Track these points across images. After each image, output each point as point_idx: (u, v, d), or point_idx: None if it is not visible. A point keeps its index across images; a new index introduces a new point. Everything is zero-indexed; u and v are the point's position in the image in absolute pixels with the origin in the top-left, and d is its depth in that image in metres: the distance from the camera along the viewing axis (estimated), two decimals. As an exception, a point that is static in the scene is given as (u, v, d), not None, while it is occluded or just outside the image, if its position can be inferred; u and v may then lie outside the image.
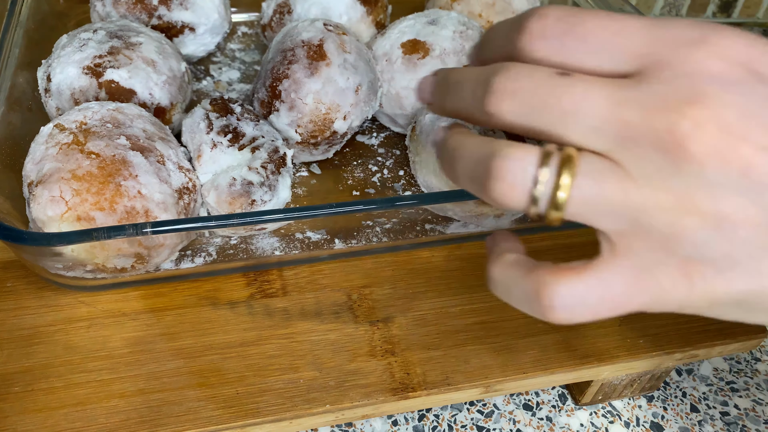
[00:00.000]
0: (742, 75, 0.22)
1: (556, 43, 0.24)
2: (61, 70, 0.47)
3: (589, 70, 0.24)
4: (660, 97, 0.22)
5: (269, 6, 0.58)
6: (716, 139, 0.21)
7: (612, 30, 0.24)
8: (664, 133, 0.21)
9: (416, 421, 0.50)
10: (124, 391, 0.40)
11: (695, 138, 0.21)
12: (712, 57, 0.22)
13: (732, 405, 0.54)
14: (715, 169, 0.21)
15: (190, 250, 0.44)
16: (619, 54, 0.23)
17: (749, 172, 0.21)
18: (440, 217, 0.47)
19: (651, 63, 0.23)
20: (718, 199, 0.21)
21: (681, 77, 0.22)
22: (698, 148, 0.21)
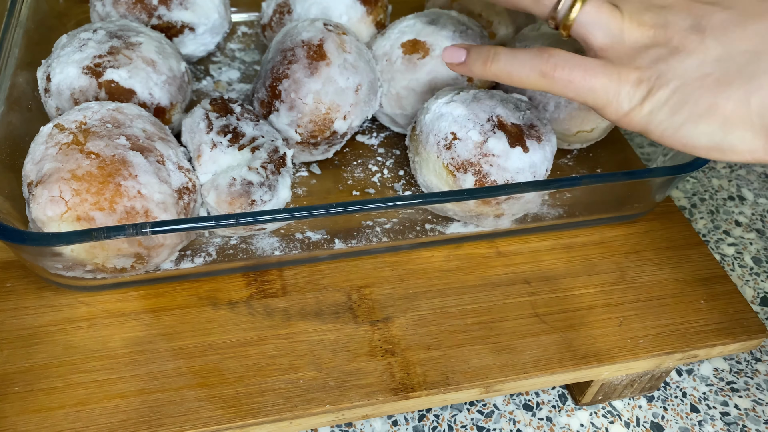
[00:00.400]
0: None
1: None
2: (60, 70, 0.47)
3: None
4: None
5: (269, 6, 0.58)
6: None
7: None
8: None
9: (416, 421, 0.50)
10: (123, 391, 0.40)
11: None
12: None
13: (732, 405, 0.54)
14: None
15: (190, 250, 0.44)
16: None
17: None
18: (440, 217, 0.47)
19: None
20: (669, 28, 0.34)
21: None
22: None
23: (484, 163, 0.44)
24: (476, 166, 0.44)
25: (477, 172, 0.44)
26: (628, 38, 0.34)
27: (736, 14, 0.33)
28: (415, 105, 0.52)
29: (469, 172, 0.44)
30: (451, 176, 0.45)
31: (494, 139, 0.44)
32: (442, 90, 0.49)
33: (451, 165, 0.45)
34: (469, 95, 0.47)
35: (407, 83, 0.51)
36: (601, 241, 0.51)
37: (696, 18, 0.33)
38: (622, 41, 0.35)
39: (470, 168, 0.44)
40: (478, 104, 0.46)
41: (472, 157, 0.44)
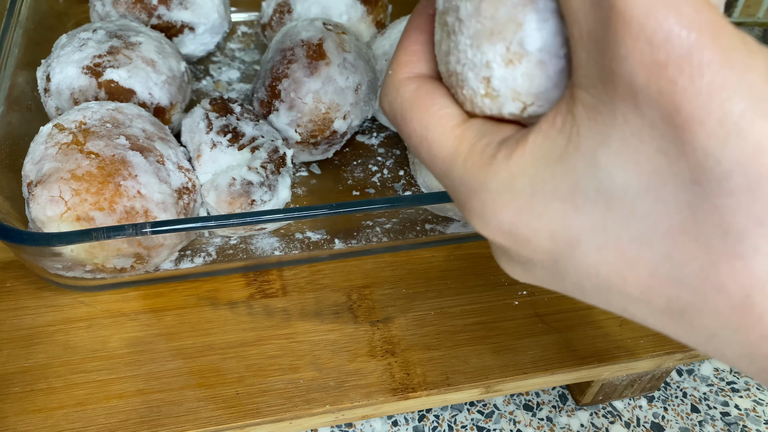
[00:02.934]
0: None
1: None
2: (60, 69, 0.47)
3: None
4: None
5: (269, 5, 0.58)
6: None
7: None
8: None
9: (416, 421, 0.50)
10: (123, 391, 0.40)
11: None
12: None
13: (732, 405, 0.54)
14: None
15: (190, 250, 0.44)
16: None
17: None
18: (440, 217, 0.47)
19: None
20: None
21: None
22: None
23: (484, 163, 0.44)
24: (476, 166, 0.44)
25: (477, 172, 0.44)
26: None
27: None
28: (415, 105, 0.52)
29: (469, 172, 0.44)
30: (451, 176, 0.45)
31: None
32: (442, 90, 0.49)
33: (451, 165, 0.45)
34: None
35: (407, 83, 0.51)
36: (601, 241, 0.50)
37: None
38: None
39: (470, 168, 0.44)
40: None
41: (472, 157, 0.44)
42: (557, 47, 0.19)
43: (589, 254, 0.19)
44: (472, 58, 0.21)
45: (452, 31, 0.22)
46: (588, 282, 0.20)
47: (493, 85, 0.21)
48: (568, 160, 0.18)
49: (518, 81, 0.20)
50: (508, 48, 0.20)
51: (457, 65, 0.22)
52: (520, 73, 0.20)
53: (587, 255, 0.19)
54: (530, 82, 0.20)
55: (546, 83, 0.20)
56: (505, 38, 0.20)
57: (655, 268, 0.18)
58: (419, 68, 0.24)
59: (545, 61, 0.20)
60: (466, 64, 0.21)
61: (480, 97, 0.21)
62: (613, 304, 0.20)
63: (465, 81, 0.22)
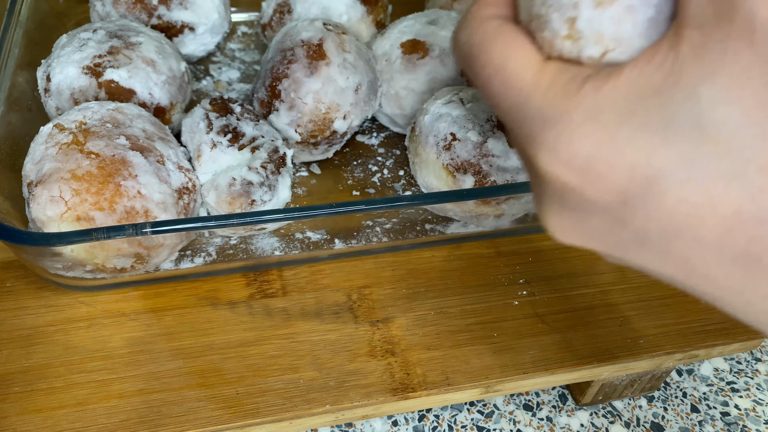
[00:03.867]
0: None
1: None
2: (60, 69, 0.47)
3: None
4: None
5: (269, 6, 0.58)
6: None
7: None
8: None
9: (416, 421, 0.50)
10: (123, 391, 0.40)
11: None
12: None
13: (732, 405, 0.54)
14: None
15: (190, 250, 0.44)
16: None
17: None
18: (440, 217, 0.47)
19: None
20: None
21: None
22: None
23: (483, 164, 0.44)
24: (476, 167, 0.44)
25: (477, 172, 0.44)
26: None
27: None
28: (415, 105, 0.52)
29: (468, 172, 0.44)
30: (451, 177, 0.45)
31: (494, 139, 0.44)
32: (441, 90, 0.49)
33: (450, 166, 0.45)
34: (467, 95, 0.47)
35: (406, 83, 0.51)
36: (601, 241, 0.50)
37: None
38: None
39: (470, 169, 0.44)
40: (477, 104, 0.46)
41: (471, 158, 0.44)
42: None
43: (668, 192, 0.19)
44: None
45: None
46: (656, 226, 0.19)
47: (578, 26, 0.21)
48: (664, 94, 0.18)
49: (604, 24, 0.20)
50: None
51: (541, 7, 0.22)
52: (608, 15, 0.20)
53: (666, 193, 0.19)
54: (616, 26, 0.20)
55: (631, 29, 0.20)
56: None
57: (740, 206, 0.18)
58: (503, 10, 0.24)
59: (636, 7, 0.20)
60: (552, 5, 0.21)
61: (561, 39, 0.21)
62: (675, 253, 0.20)
63: (548, 22, 0.22)
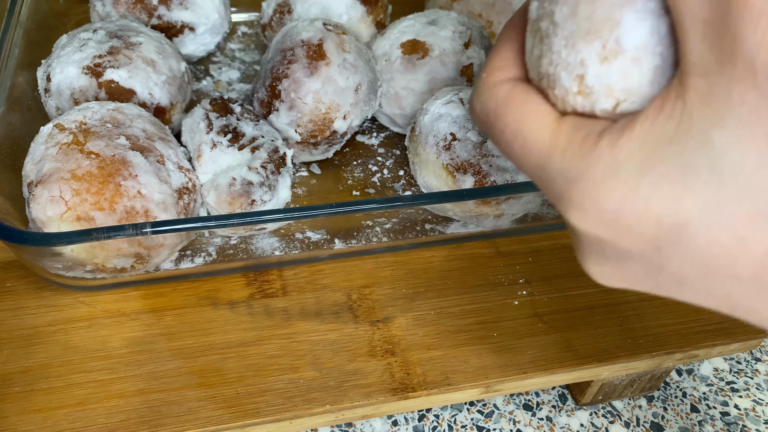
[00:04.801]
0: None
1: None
2: (60, 70, 0.47)
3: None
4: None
5: (269, 6, 0.58)
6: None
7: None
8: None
9: (416, 421, 0.50)
10: (123, 391, 0.40)
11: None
12: None
13: (732, 405, 0.54)
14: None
15: (190, 250, 0.44)
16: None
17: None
18: (440, 217, 0.47)
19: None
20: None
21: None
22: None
23: (483, 164, 0.44)
24: (476, 167, 0.44)
25: (476, 172, 0.44)
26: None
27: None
28: (414, 105, 0.52)
29: (468, 172, 0.44)
30: (451, 177, 0.45)
31: (494, 139, 0.44)
32: (441, 90, 0.49)
33: (450, 166, 0.45)
34: (467, 95, 0.47)
35: (406, 83, 0.51)
36: (601, 241, 0.50)
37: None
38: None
39: (470, 169, 0.44)
40: (478, 104, 0.46)
41: (471, 158, 0.44)
42: (653, 45, 0.20)
43: (698, 236, 0.19)
44: (566, 58, 0.22)
45: (546, 35, 0.22)
46: (691, 268, 0.20)
47: (587, 82, 0.21)
48: (678, 143, 0.19)
49: (612, 78, 0.21)
50: (604, 45, 0.20)
51: (549, 67, 0.22)
52: (614, 70, 0.21)
53: (696, 237, 0.19)
54: (624, 78, 0.21)
55: (640, 80, 0.20)
56: (601, 36, 0.20)
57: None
58: (513, 72, 0.25)
59: (641, 58, 0.20)
60: (559, 64, 0.22)
61: (573, 95, 0.22)
62: (715, 291, 0.20)
63: (557, 81, 0.22)
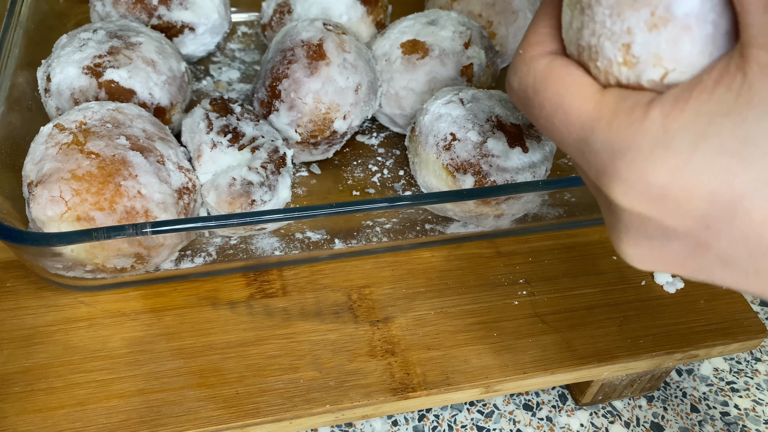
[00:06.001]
0: None
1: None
2: (60, 70, 0.47)
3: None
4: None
5: (269, 6, 0.58)
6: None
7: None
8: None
9: (416, 421, 0.50)
10: (123, 391, 0.40)
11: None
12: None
13: (732, 405, 0.54)
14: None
15: (190, 250, 0.44)
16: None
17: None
18: (440, 217, 0.47)
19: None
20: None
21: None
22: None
23: (483, 164, 0.44)
24: (476, 167, 0.44)
25: (476, 172, 0.44)
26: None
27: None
28: (414, 105, 0.52)
29: (468, 172, 0.44)
30: (451, 177, 0.45)
31: (493, 139, 0.44)
32: (441, 90, 0.49)
33: (450, 166, 0.45)
34: (467, 95, 0.47)
35: (406, 83, 0.51)
36: (601, 241, 0.51)
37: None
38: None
39: (470, 169, 0.44)
40: (477, 104, 0.46)
41: (471, 158, 0.44)
42: (705, 12, 0.19)
43: (753, 212, 0.19)
44: (611, 27, 0.21)
45: (588, 5, 0.22)
46: (742, 247, 0.19)
47: (633, 51, 0.21)
48: (738, 115, 0.18)
49: (662, 46, 0.20)
50: (653, 13, 0.20)
51: (591, 38, 0.22)
52: (664, 37, 0.20)
53: (751, 213, 0.19)
54: (675, 46, 0.20)
55: (691, 48, 0.20)
56: (650, 3, 0.20)
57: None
58: (550, 47, 0.24)
59: (692, 25, 0.20)
60: (603, 35, 0.21)
61: (617, 66, 0.21)
62: (764, 272, 0.20)
63: (600, 51, 0.22)
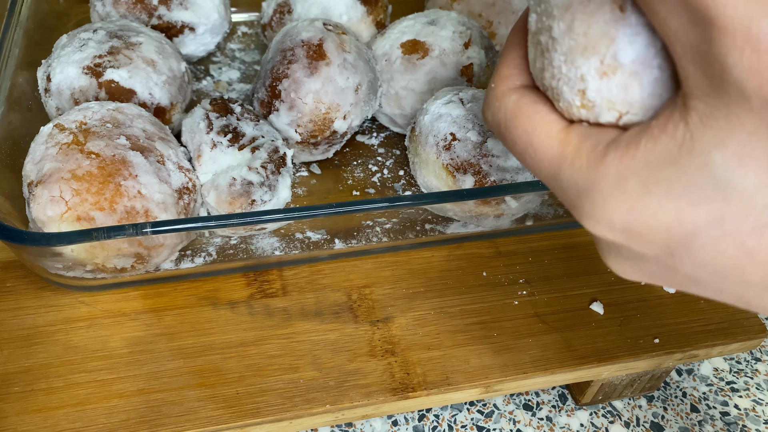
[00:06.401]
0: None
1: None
2: (61, 70, 0.47)
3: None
4: None
5: (269, 6, 0.58)
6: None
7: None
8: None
9: (416, 421, 0.50)
10: (124, 391, 0.40)
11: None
12: None
13: (732, 405, 0.54)
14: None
15: (190, 250, 0.44)
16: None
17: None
18: (440, 217, 0.47)
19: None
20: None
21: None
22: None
23: (483, 164, 0.44)
24: (476, 167, 0.44)
25: (476, 172, 0.44)
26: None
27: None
28: (414, 105, 0.52)
29: (468, 172, 0.44)
30: (451, 177, 0.45)
31: (493, 139, 0.44)
32: (441, 90, 0.49)
33: (450, 166, 0.45)
34: (467, 95, 0.47)
35: (406, 83, 0.51)
36: (601, 241, 0.50)
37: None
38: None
39: (470, 169, 0.44)
40: (477, 104, 0.46)
41: (471, 158, 0.44)
42: (650, 58, 0.20)
43: (707, 246, 0.20)
44: (566, 73, 0.22)
45: (546, 49, 0.23)
46: (704, 273, 0.20)
47: (589, 96, 0.22)
48: (681, 163, 0.19)
49: (613, 91, 0.21)
50: (602, 61, 0.21)
51: (552, 80, 0.23)
52: (614, 84, 0.21)
53: (705, 247, 0.20)
54: (625, 92, 0.21)
55: (640, 92, 0.21)
56: (598, 52, 0.21)
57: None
58: (521, 80, 0.25)
59: (639, 71, 0.21)
60: (561, 79, 0.22)
61: (576, 108, 0.22)
62: (728, 293, 0.21)
63: (560, 94, 0.23)
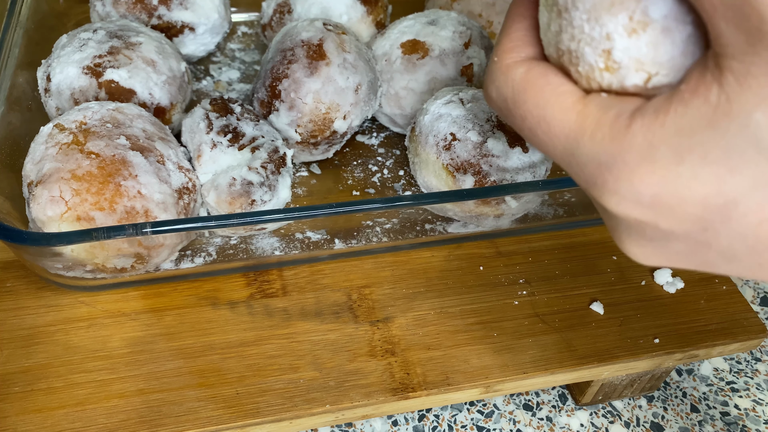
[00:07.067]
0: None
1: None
2: (60, 70, 0.47)
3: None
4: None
5: (269, 6, 0.58)
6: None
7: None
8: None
9: (416, 421, 0.50)
10: (123, 391, 0.40)
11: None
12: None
13: (732, 405, 0.54)
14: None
15: (190, 250, 0.44)
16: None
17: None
18: (440, 217, 0.47)
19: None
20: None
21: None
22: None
23: (483, 164, 0.44)
24: (476, 167, 0.44)
25: (476, 172, 0.44)
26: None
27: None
28: (415, 105, 0.52)
29: (468, 172, 0.44)
30: (451, 177, 0.45)
31: (493, 139, 0.44)
32: (441, 90, 0.49)
33: (450, 166, 0.45)
34: (467, 95, 0.47)
35: (406, 83, 0.51)
36: (601, 241, 0.51)
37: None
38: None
39: (470, 169, 0.44)
40: (477, 104, 0.46)
41: (471, 158, 0.44)
42: (683, 13, 0.19)
43: (748, 214, 0.19)
44: (589, 33, 0.20)
45: (564, 8, 0.21)
46: (742, 245, 0.20)
47: (614, 57, 0.20)
48: (718, 126, 0.18)
49: (642, 50, 0.20)
50: (631, 17, 0.19)
51: (570, 42, 0.21)
52: (644, 42, 0.20)
53: (746, 215, 0.19)
54: (655, 50, 0.20)
55: (672, 51, 0.20)
56: (627, 7, 0.19)
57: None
58: (526, 52, 0.24)
59: (671, 27, 0.19)
60: (582, 40, 0.21)
61: (599, 72, 0.21)
62: (766, 265, 0.20)
63: (581, 57, 0.21)
